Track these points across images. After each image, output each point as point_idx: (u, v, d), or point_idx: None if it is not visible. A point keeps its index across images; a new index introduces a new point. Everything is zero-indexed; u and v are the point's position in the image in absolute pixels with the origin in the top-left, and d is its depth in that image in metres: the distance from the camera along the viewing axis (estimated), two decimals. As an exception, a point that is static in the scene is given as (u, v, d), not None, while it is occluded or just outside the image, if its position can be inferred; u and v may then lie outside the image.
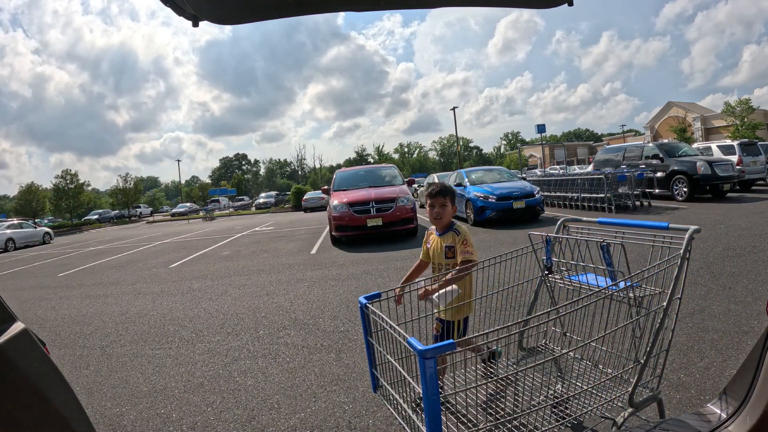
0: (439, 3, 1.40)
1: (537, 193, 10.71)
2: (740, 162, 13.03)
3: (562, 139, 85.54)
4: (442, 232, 2.45)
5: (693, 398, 2.46)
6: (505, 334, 1.43)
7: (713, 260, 5.34)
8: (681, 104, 45.59)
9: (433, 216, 2.45)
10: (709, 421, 1.43)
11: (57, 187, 42.83)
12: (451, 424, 1.43)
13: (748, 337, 3.14)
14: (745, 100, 35.67)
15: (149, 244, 15.09)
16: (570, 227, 2.14)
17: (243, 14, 1.38)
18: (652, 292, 1.68)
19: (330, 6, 1.40)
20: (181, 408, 2.94)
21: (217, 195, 44.95)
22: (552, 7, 1.41)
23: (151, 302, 6.17)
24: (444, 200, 2.42)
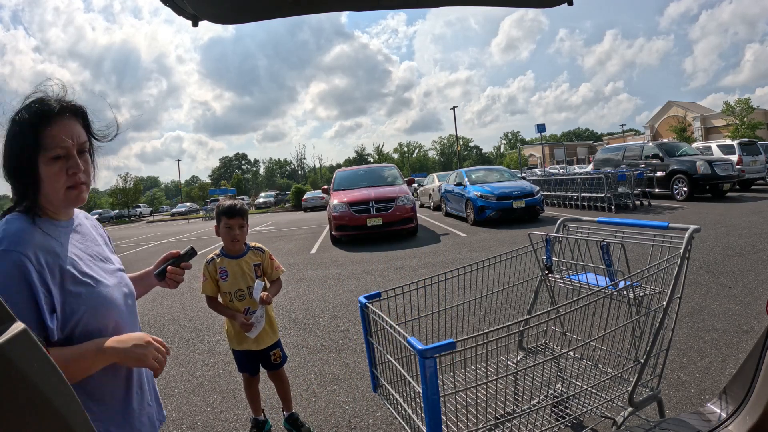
0: (440, 2, 1.40)
1: (537, 193, 10.71)
2: (740, 161, 13.03)
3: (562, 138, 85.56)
4: (240, 254, 2.35)
5: (693, 398, 2.46)
6: (505, 334, 1.43)
7: (713, 260, 5.34)
8: (681, 104, 45.61)
9: (231, 238, 2.30)
10: (709, 421, 1.43)
11: (57, 186, 42.78)
12: (451, 424, 1.43)
13: (748, 337, 3.14)
14: (745, 100, 35.67)
15: (149, 244, 15.09)
16: (570, 227, 2.14)
17: (243, 14, 1.38)
18: (652, 292, 1.68)
19: (330, 5, 1.40)
20: (181, 408, 2.94)
21: (217, 195, 45.00)
22: (551, 6, 1.41)
23: (151, 302, 6.17)
24: (242, 221, 2.30)
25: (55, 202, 1.04)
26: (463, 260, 6.68)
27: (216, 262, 2.35)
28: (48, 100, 1.04)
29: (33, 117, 0.99)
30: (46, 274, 0.96)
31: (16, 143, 1.00)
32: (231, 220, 2.28)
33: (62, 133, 1.00)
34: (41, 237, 1.00)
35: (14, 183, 1.04)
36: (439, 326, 1.89)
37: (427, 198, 18.07)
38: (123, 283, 1.19)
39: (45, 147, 0.99)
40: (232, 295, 2.32)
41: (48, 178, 1.00)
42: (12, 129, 1.02)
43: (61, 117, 1.02)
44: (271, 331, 2.41)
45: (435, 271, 3.75)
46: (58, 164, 1.00)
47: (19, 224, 0.99)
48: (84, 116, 1.09)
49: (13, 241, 0.95)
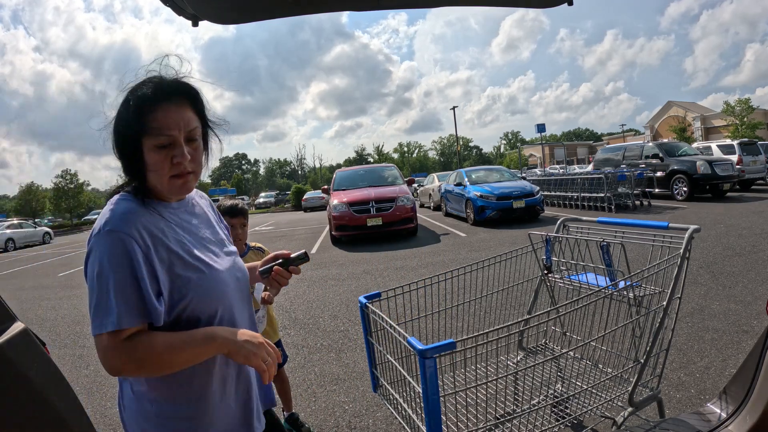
0: (440, 3, 1.40)
1: (537, 193, 10.71)
2: (740, 161, 13.02)
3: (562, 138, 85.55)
4: (240, 255, 2.34)
5: (693, 398, 2.46)
6: (505, 334, 1.43)
7: (713, 260, 5.34)
8: (681, 104, 45.61)
9: (233, 237, 2.25)
10: (709, 421, 1.43)
11: (57, 186, 42.82)
12: (451, 424, 1.43)
13: (748, 337, 3.14)
14: (745, 100, 35.67)
15: (149, 244, 15.08)
16: (570, 227, 2.14)
17: (242, 14, 1.38)
18: (652, 292, 1.68)
19: (330, 5, 1.40)
20: (181, 408, 2.94)
21: (217, 195, 45.00)
22: (551, 6, 1.41)
23: (151, 302, 6.17)
24: (244, 220, 2.31)
25: (160, 189, 1.00)
26: (463, 260, 6.68)
27: None
28: (158, 82, 0.97)
29: (139, 101, 0.94)
30: (153, 256, 0.92)
31: (123, 126, 0.95)
32: (233, 220, 2.28)
33: (168, 121, 0.94)
34: (149, 218, 0.96)
35: (122, 163, 0.99)
36: (439, 326, 1.89)
37: (427, 198, 18.07)
38: (236, 267, 1.12)
39: (150, 134, 0.93)
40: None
41: (152, 165, 0.95)
42: (121, 109, 0.97)
43: (169, 102, 0.95)
44: (272, 331, 2.41)
45: (435, 271, 3.75)
46: (163, 152, 0.94)
47: (126, 205, 0.95)
48: (196, 100, 1.01)
49: (120, 222, 0.91)
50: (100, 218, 0.94)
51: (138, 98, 0.94)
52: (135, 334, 0.90)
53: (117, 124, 0.97)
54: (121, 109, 0.97)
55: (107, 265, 0.87)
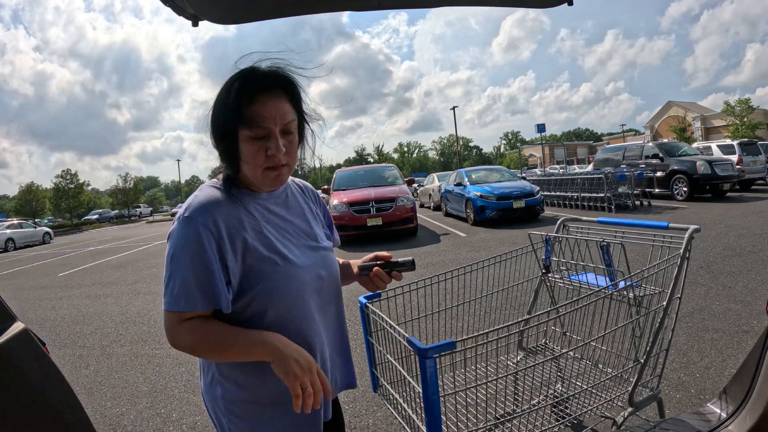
0: (440, 3, 1.40)
1: (537, 193, 10.71)
2: (740, 161, 13.02)
3: (563, 138, 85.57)
4: None
5: (693, 398, 2.46)
6: (505, 334, 1.43)
7: (713, 260, 5.34)
8: (681, 104, 45.61)
9: None
10: (709, 421, 1.43)
11: (57, 186, 42.83)
12: (451, 424, 1.43)
13: (748, 337, 3.14)
14: (745, 100, 35.66)
15: (149, 244, 15.09)
16: (570, 227, 2.14)
17: (242, 14, 1.38)
18: (652, 292, 1.68)
19: (330, 5, 1.40)
20: (181, 408, 2.94)
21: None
22: (551, 6, 1.41)
23: (151, 302, 6.17)
24: None
25: (252, 179, 1.00)
26: (463, 260, 6.68)
27: None
28: (257, 72, 0.97)
29: (237, 91, 0.94)
30: (226, 245, 0.93)
31: (220, 115, 0.96)
32: None
33: (264, 113, 0.94)
34: (230, 208, 0.97)
35: (218, 150, 1.00)
36: (439, 326, 1.89)
37: (427, 198, 18.07)
38: (322, 264, 1.08)
39: (246, 124, 0.93)
40: None
41: (247, 156, 0.95)
42: (220, 97, 0.98)
43: (267, 94, 0.95)
44: None
45: (435, 271, 3.75)
46: (258, 144, 0.95)
47: (209, 193, 0.97)
48: (293, 92, 1.00)
49: (198, 210, 0.93)
50: (185, 203, 0.97)
51: (236, 88, 0.94)
52: (195, 318, 0.93)
53: (215, 112, 0.98)
54: (220, 98, 0.97)
55: (180, 249, 0.91)
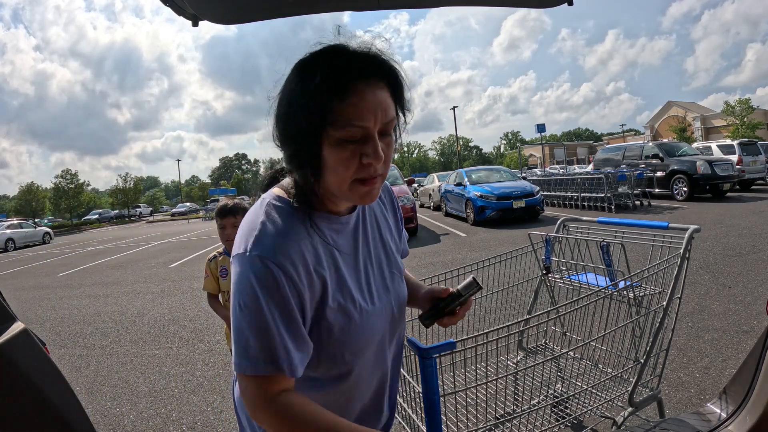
0: (440, 3, 1.40)
1: (537, 193, 10.71)
2: (740, 161, 13.01)
3: (563, 138, 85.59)
4: None
5: (693, 398, 2.46)
6: (505, 334, 1.43)
7: (713, 260, 5.34)
8: (681, 104, 45.62)
9: (225, 238, 2.30)
10: (709, 421, 1.43)
11: (57, 186, 42.85)
12: (451, 424, 1.43)
13: (748, 337, 3.14)
14: (745, 100, 35.67)
15: (149, 244, 15.10)
16: (570, 227, 2.14)
17: (242, 14, 1.38)
18: (652, 292, 1.68)
19: (329, 5, 1.40)
20: (181, 408, 2.95)
21: (217, 195, 45.01)
22: (551, 6, 1.41)
23: (151, 302, 6.17)
24: (235, 220, 2.28)
25: (338, 194, 0.76)
26: (463, 260, 6.68)
27: (218, 260, 2.36)
28: (349, 52, 0.72)
29: (324, 78, 0.68)
30: (305, 292, 0.73)
31: (297, 108, 0.71)
32: (223, 220, 2.29)
33: (363, 108, 0.69)
34: (307, 240, 0.75)
35: (289, 156, 0.76)
36: (439, 326, 1.89)
37: (427, 198, 18.07)
38: (396, 300, 0.90)
39: (335, 124, 0.69)
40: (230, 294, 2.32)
41: (332, 164, 0.71)
42: (295, 86, 0.72)
43: (366, 83, 0.70)
44: None
45: (435, 271, 3.75)
46: (350, 149, 0.70)
47: (282, 219, 0.75)
48: (396, 81, 0.75)
49: (273, 247, 0.71)
50: (248, 231, 0.74)
51: (322, 74, 0.69)
52: (278, 391, 0.72)
53: (288, 104, 0.72)
54: (295, 86, 0.72)
55: (253, 299, 0.70)
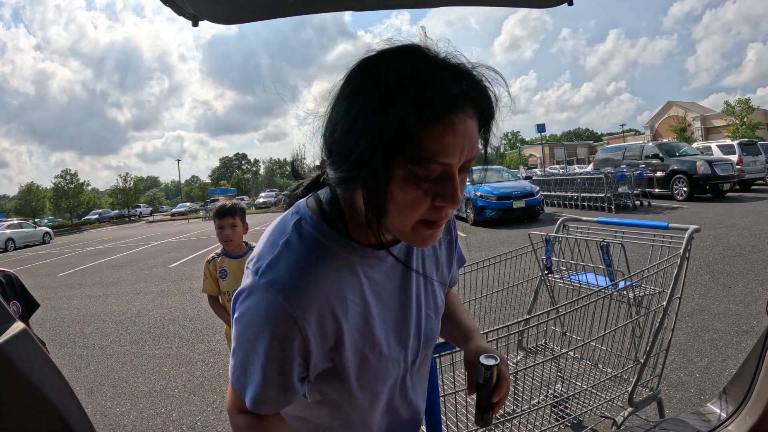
0: (440, 3, 1.40)
1: (537, 193, 10.72)
2: (740, 161, 13.01)
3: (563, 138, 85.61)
4: (239, 254, 2.34)
5: (693, 398, 2.46)
6: (505, 334, 1.43)
7: (713, 260, 5.34)
8: (681, 104, 45.61)
9: (223, 238, 2.30)
10: (709, 421, 1.43)
11: (57, 186, 42.86)
12: (451, 424, 1.43)
13: (748, 337, 3.14)
14: (745, 100, 35.67)
15: (149, 244, 15.10)
16: (570, 227, 2.14)
17: (242, 14, 1.38)
18: (652, 292, 1.68)
19: (329, 5, 1.40)
20: (181, 408, 2.95)
21: (216, 195, 44.99)
22: (551, 6, 1.41)
23: (150, 302, 6.17)
24: (233, 220, 2.28)
25: (394, 233, 0.64)
26: (463, 260, 6.67)
27: (216, 261, 2.36)
28: (443, 74, 0.56)
29: (409, 104, 0.53)
30: (316, 343, 0.65)
31: (367, 131, 0.55)
32: (222, 221, 2.28)
33: (450, 143, 0.55)
34: (335, 277, 0.65)
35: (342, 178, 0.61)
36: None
37: (427, 198, 18.06)
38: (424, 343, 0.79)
39: (413, 158, 0.55)
40: (230, 295, 2.32)
41: (399, 203, 0.59)
42: (364, 101, 0.57)
43: (457, 114, 0.55)
44: None
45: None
46: (423, 187, 0.58)
47: (308, 251, 0.64)
48: (487, 111, 0.61)
49: (289, 286, 0.62)
50: (269, 246, 0.66)
51: (408, 99, 0.54)
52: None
53: (355, 122, 0.57)
54: (368, 101, 0.56)
55: (254, 336, 0.63)
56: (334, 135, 0.61)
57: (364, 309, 0.69)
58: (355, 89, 0.59)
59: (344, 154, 0.59)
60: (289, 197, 0.79)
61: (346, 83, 0.61)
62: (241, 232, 2.34)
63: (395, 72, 0.56)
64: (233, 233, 2.29)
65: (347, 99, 0.59)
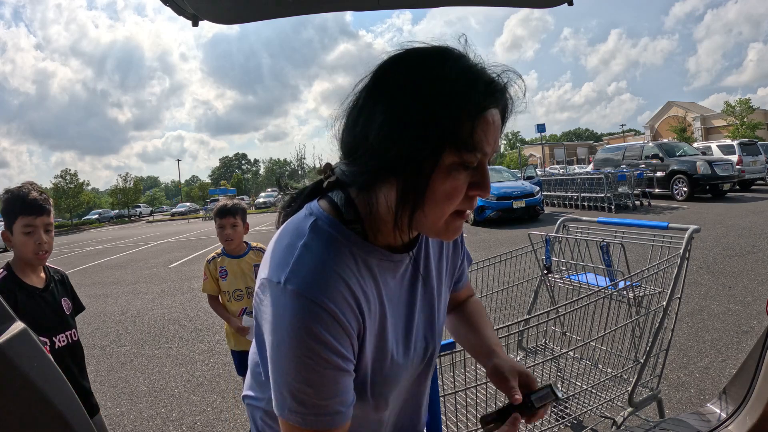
0: (440, 3, 1.40)
1: (537, 193, 10.72)
2: (740, 161, 13.01)
3: (563, 138, 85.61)
4: (240, 254, 2.34)
5: (693, 398, 2.46)
6: (505, 334, 1.43)
7: (713, 260, 5.34)
8: (681, 104, 45.61)
9: (224, 238, 2.30)
10: (709, 421, 1.43)
11: (57, 186, 42.89)
12: (451, 424, 1.43)
13: (748, 337, 3.14)
14: (745, 100, 35.67)
15: (149, 244, 15.09)
16: (570, 227, 2.14)
17: (242, 14, 1.38)
18: (652, 292, 1.68)
19: (330, 5, 1.40)
20: (181, 407, 2.95)
21: (216, 195, 44.96)
22: (551, 6, 1.41)
23: (151, 302, 6.17)
24: (234, 220, 2.28)
25: (424, 230, 0.65)
26: (463, 260, 6.67)
27: (216, 261, 2.36)
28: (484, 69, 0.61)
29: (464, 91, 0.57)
30: (353, 335, 0.62)
31: (415, 126, 0.57)
32: (222, 220, 2.29)
33: (490, 131, 0.59)
34: (355, 279, 0.63)
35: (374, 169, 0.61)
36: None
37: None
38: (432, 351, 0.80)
39: (461, 145, 0.58)
40: (230, 294, 2.32)
41: (440, 195, 0.59)
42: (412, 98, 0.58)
43: (496, 106, 0.60)
44: None
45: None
46: (461, 177, 0.60)
47: (330, 249, 0.62)
48: (508, 109, 0.64)
49: (312, 282, 0.59)
50: (285, 251, 0.63)
51: (463, 85, 0.57)
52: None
53: (397, 119, 0.58)
54: (416, 98, 0.58)
55: (293, 342, 0.58)
56: (361, 132, 0.61)
57: (381, 313, 0.68)
58: (397, 85, 0.60)
59: (380, 150, 0.59)
60: (287, 207, 0.76)
61: (379, 82, 0.62)
62: (242, 232, 2.34)
63: (444, 68, 0.58)
64: (234, 233, 2.30)
65: (385, 95, 0.60)
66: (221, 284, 2.34)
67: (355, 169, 0.62)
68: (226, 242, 2.32)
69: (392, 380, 0.72)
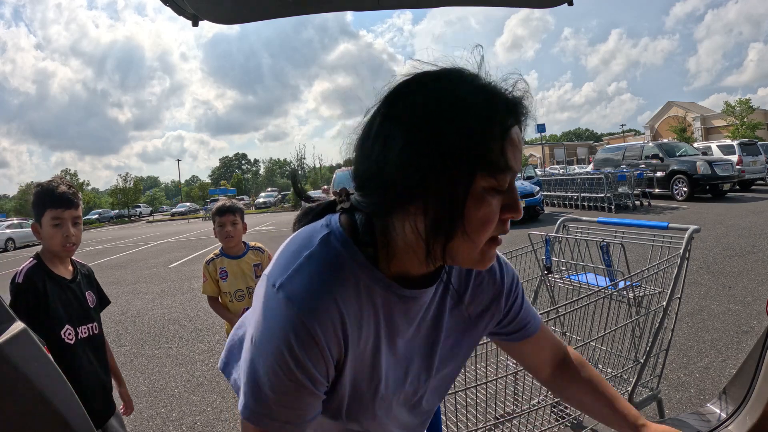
0: (440, 3, 1.40)
1: (537, 193, 10.71)
2: (740, 162, 13.02)
3: (563, 138, 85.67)
4: (239, 254, 2.34)
5: (693, 398, 2.46)
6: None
7: (713, 260, 5.34)
8: (681, 104, 45.60)
9: (224, 236, 2.30)
10: (709, 421, 1.43)
11: (57, 186, 42.83)
12: (451, 424, 1.43)
13: (747, 337, 3.14)
14: (745, 101, 35.67)
15: (149, 244, 15.09)
16: (570, 227, 2.14)
17: (242, 14, 1.38)
18: (652, 292, 1.68)
19: (330, 5, 1.40)
20: (181, 407, 2.95)
21: (216, 195, 44.97)
22: (551, 6, 1.41)
23: (151, 302, 6.17)
24: (234, 218, 2.29)
25: (458, 262, 0.62)
26: (463, 260, 6.67)
27: (216, 263, 2.36)
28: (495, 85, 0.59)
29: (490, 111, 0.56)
30: (331, 358, 0.61)
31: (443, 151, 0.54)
32: (222, 218, 2.30)
33: (515, 150, 0.58)
34: (353, 303, 0.61)
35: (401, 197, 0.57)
36: None
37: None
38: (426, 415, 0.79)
39: (491, 168, 0.56)
40: (231, 295, 2.32)
41: (474, 221, 0.57)
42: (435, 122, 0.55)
43: (518, 126, 0.59)
44: None
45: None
46: (494, 202, 0.57)
47: (335, 272, 0.60)
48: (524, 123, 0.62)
49: (306, 300, 0.58)
50: (292, 255, 0.62)
51: (489, 105, 0.56)
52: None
53: (427, 140, 0.55)
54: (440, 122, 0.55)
55: (270, 348, 0.59)
56: (377, 161, 0.58)
57: (375, 343, 0.65)
58: (416, 110, 0.57)
59: (401, 177, 0.56)
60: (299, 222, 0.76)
61: (394, 107, 0.59)
62: (241, 230, 2.35)
63: (462, 90, 0.56)
64: (234, 230, 2.32)
65: (403, 121, 0.57)
66: (222, 285, 2.34)
67: (372, 200, 0.60)
68: (226, 240, 2.32)
69: (372, 411, 0.70)
